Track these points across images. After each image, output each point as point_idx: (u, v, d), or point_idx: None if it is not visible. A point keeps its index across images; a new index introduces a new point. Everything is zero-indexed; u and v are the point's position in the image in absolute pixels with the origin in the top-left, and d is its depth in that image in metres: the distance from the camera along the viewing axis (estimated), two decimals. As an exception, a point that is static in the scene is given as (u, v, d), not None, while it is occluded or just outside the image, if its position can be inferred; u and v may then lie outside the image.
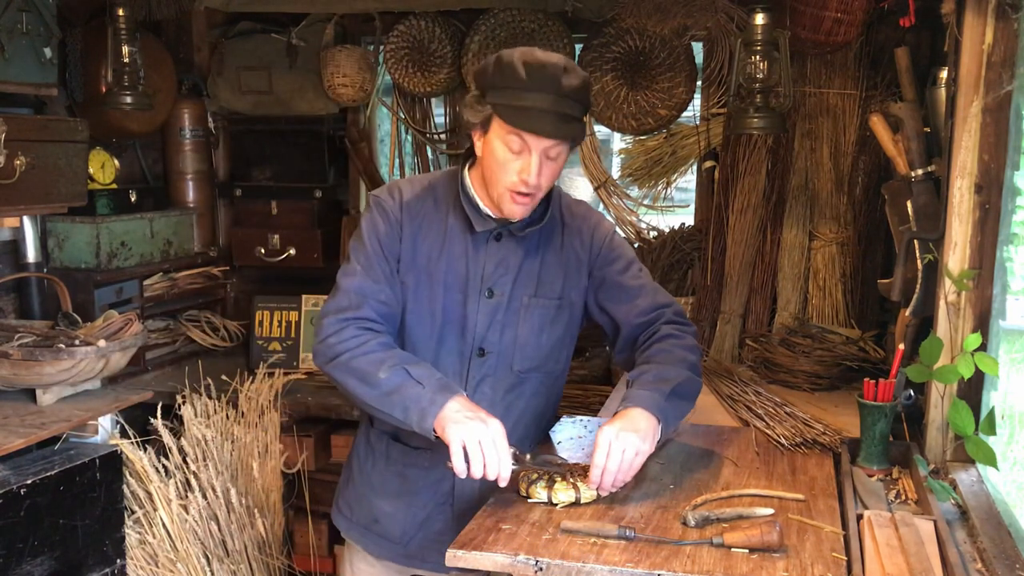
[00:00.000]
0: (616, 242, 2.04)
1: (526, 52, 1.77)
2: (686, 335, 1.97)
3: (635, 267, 2.04)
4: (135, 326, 2.83)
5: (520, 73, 1.74)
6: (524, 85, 1.74)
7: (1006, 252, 2.08)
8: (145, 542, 2.82)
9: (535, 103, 1.73)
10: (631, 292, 2.00)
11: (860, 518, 1.72)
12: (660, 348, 1.92)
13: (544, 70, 1.74)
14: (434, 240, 1.92)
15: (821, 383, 2.74)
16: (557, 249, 1.98)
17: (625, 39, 3.31)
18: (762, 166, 3.16)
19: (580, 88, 1.77)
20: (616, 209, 3.52)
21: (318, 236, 3.65)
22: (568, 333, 2.03)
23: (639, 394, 1.80)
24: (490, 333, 1.93)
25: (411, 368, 1.76)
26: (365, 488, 2.06)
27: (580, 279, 2.00)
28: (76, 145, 2.93)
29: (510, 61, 1.76)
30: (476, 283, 1.91)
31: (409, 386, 1.73)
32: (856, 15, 2.71)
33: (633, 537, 1.57)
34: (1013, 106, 1.98)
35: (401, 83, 3.54)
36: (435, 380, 1.75)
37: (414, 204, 1.93)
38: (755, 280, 3.21)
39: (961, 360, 2.00)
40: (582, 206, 2.06)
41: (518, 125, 1.75)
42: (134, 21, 3.03)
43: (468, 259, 1.91)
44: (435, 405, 1.70)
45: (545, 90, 1.73)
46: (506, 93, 1.76)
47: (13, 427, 2.48)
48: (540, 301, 1.95)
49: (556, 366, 2.04)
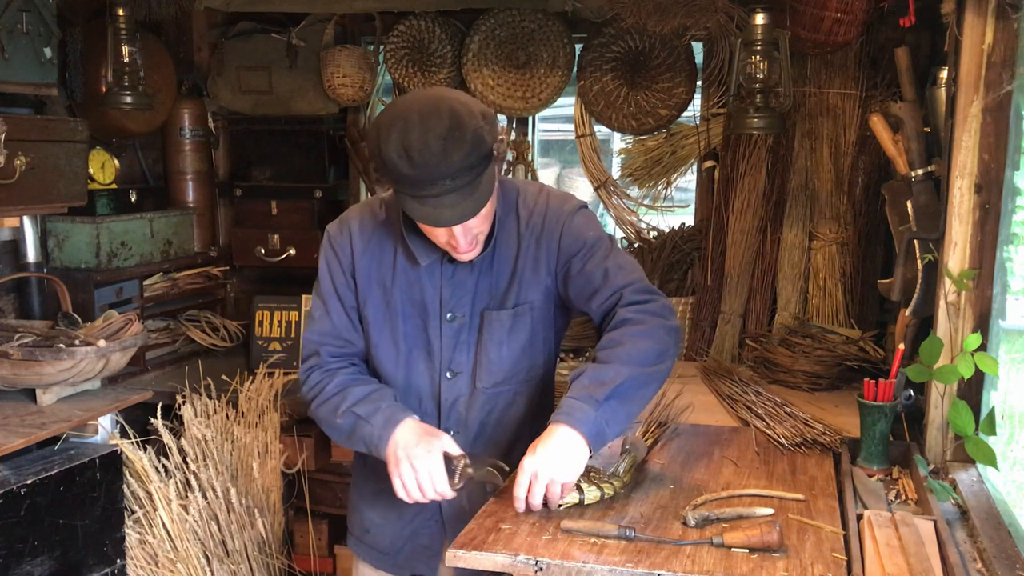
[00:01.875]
0: (576, 228, 1.86)
1: (402, 136, 1.61)
2: (644, 317, 1.76)
3: (596, 251, 1.85)
4: (135, 326, 2.83)
5: (402, 168, 1.62)
6: (411, 179, 1.63)
7: (1006, 252, 2.08)
8: (145, 542, 2.82)
9: (431, 193, 1.64)
10: (592, 281, 1.83)
11: (860, 518, 1.72)
12: (610, 339, 1.76)
13: (425, 155, 1.60)
14: (386, 269, 1.89)
15: (821, 383, 2.74)
16: (512, 256, 1.88)
17: (625, 39, 3.31)
18: (762, 166, 3.17)
19: (472, 148, 1.62)
20: (616, 209, 3.52)
21: (318, 236, 3.64)
22: (537, 337, 1.92)
23: (570, 404, 1.69)
24: (456, 354, 1.90)
25: (359, 408, 1.82)
26: (358, 499, 2.10)
27: (540, 278, 1.88)
28: (76, 145, 2.93)
29: (388, 156, 1.62)
30: (435, 308, 1.88)
31: (360, 427, 1.81)
32: (856, 15, 2.71)
33: (633, 537, 1.57)
34: (1013, 106, 1.98)
35: (401, 83, 3.54)
36: (380, 416, 1.80)
37: (364, 237, 1.90)
38: (755, 280, 3.21)
39: (961, 360, 2.00)
40: (540, 196, 1.91)
41: (422, 221, 1.70)
42: (134, 21, 3.03)
43: (423, 286, 1.88)
44: (382, 441, 1.78)
45: (435, 178, 1.62)
46: (400, 187, 1.67)
47: (13, 427, 2.48)
48: (494, 314, 1.89)
49: (529, 374, 1.94)
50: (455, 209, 1.66)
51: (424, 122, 1.62)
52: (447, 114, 1.62)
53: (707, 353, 3.17)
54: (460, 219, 1.68)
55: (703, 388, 2.70)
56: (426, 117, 1.62)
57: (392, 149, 1.62)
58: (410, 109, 1.65)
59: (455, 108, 1.64)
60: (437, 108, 1.63)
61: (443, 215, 1.66)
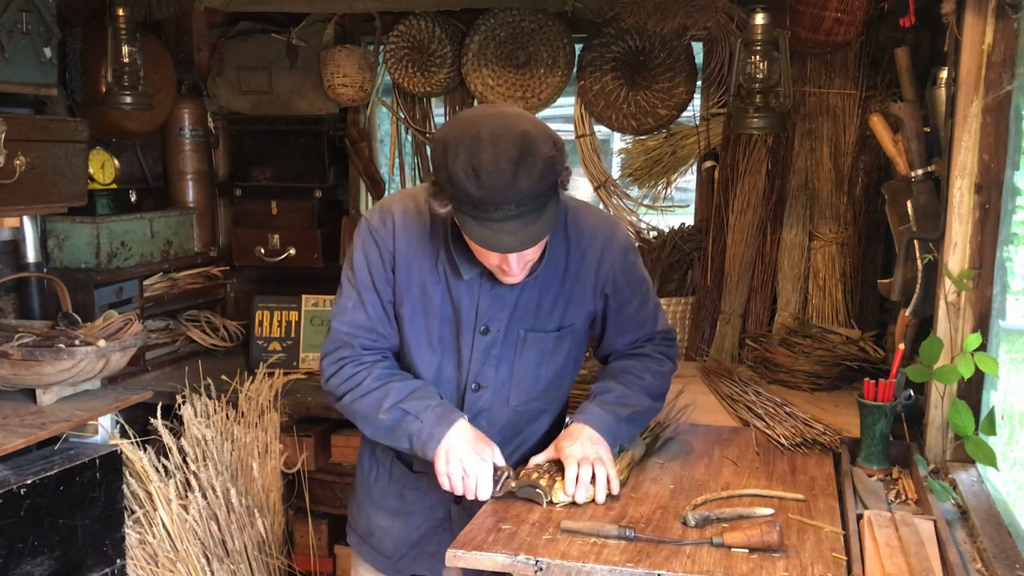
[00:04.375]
0: (630, 266, 1.92)
1: (472, 155, 1.55)
2: (665, 360, 1.98)
3: (645, 293, 1.95)
4: (135, 326, 2.83)
5: (469, 188, 1.56)
6: (476, 200, 1.57)
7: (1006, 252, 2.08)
8: (145, 542, 2.82)
9: (493, 217, 1.58)
10: (636, 321, 1.96)
11: (860, 518, 1.72)
12: (633, 366, 1.93)
13: (495, 178, 1.54)
14: (428, 270, 1.83)
15: (821, 383, 2.74)
16: (559, 277, 1.86)
17: (625, 39, 3.31)
18: (762, 166, 3.16)
19: (541, 176, 1.57)
20: (616, 209, 3.52)
21: (318, 236, 3.65)
22: (571, 358, 1.96)
23: (596, 412, 1.84)
24: (485, 368, 1.87)
25: (406, 404, 1.78)
26: (365, 500, 2.07)
27: (585, 304, 1.90)
28: (76, 145, 2.93)
29: (455, 173, 1.57)
30: (470, 319, 1.84)
31: (408, 422, 1.78)
32: (856, 15, 2.71)
33: (633, 537, 1.57)
34: (1013, 106, 1.98)
35: (401, 83, 3.54)
36: (432, 413, 1.77)
37: (408, 231, 1.83)
38: (755, 280, 3.21)
39: (961, 360, 1.99)
40: (592, 218, 1.91)
41: (483, 245, 1.64)
42: (134, 21, 3.02)
43: (461, 295, 1.83)
44: (433, 439, 1.76)
45: (501, 202, 1.57)
46: (461, 206, 1.61)
47: (13, 427, 2.48)
48: (537, 335, 1.87)
49: (558, 394, 1.99)
50: (516, 236, 1.60)
51: (496, 143, 1.55)
52: (520, 137, 1.56)
53: (707, 353, 3.17)
54: (520, 247, 1.62)
55: (703, 388, 2.70)
56: (498, 138, 1.56)
57: (460, 167, 1.56)
58: (481, 126, 1.58)
59: (529, 131, 1.58)
60: (510, 129, 1.57)
61: (503, 241, 1.61)
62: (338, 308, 1.87)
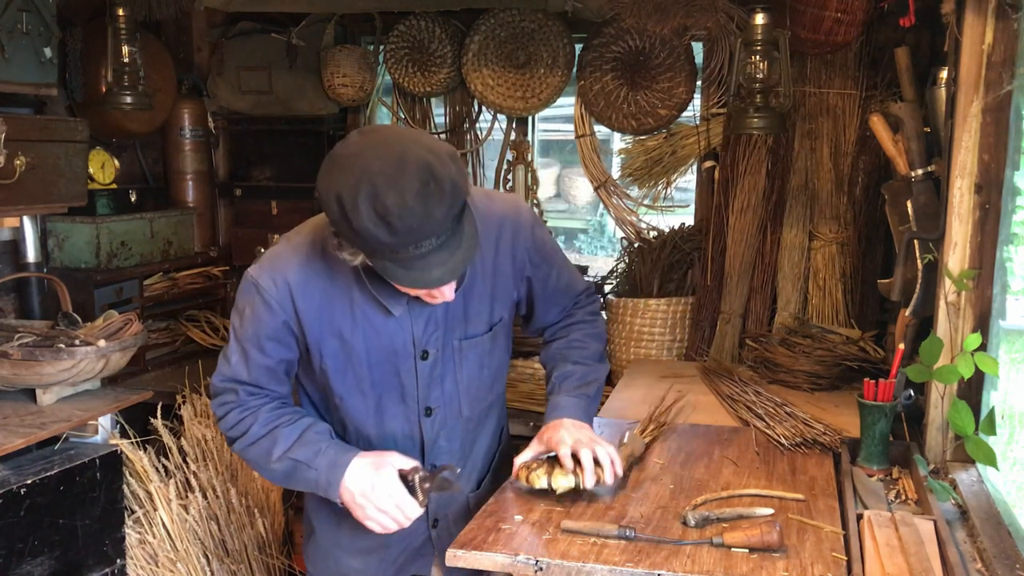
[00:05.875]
0: (539, 241, 1.85)
1: (373, 202, 1.42)
2: (597, 319, 2.00)
3: (559, 260, 1.90)
4: (135, 326, 2.83)
5: (381, 237, 1.44)
6: (392, 245, 1.46)
7: (1006, 252, 2.08)
8: (145, 542, 2.82)
9: (414, 255, 1.47)
10: (559, 292, 1.93)
11: (860, 518, 1.72)
12: (576, 339, 1.94)
13: (406, 219, 1.42)
14: (342, 319, 1.70)
15: (821, 383, 2.74)
16: (480, 277, 1.78)
17: (625, 39, 3.31)
18: (762, 166, 3.16)
19: (451, 201, 1.46)
20: (616, 209, 3.52)
21: (318, 236, 3.65)
22: (505, 348, 1.92)
23: (567, 402, 1.85)
24: (432, 391, 1.79)
25: (296, 453, 1.69)
26: (332, 547, 1.92)
27: (509, 294, 1.85)
28: (76, 145, 2.93)
29: (362, 226, 1.43)
30: (407, 350, 1.74)
31: (301, 471, 1.70)
32: (856, 15, 2.71)
33: (633, 537, 1.57)
34: (1013, 106, 1.98)
35: (401, 83, 3.54)
36: (323, 459, 1.68)
37: (306, 289, 1.68)
38: (755, 280, 3.21)
39: (961, 360, 1.99)
40: (494, 205, 1.80)
41: (413, 286, 1.55)
42: (134, 21, 3.03)
43: (393, 330, 1.72)
44: (332, 487, 1.68)
45: (420, 239, 1.45)
46: (377, 254, 1.50)
47: (13, 427, 2.48)
48: (472, 341, 1.80)
49: (501, 383, 1.94)
50: (445, 267, 1.50)
51: (395, 180, 1.43)
52: (416, 166, 1.44)
53: (707, 353, 3.17)
54: (452, 276, 1.53)
55: (703, 388, 2.70)
56: (395, 174, 1.43)
57: (365, 218, 1.43)
58: (369, 166, 1.45)
59: (423, 158, 1.45)
60: (403, 161, 1.44)
61: (432, 276, 1.51)
62: (223, 357, 1.76)
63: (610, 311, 3.34)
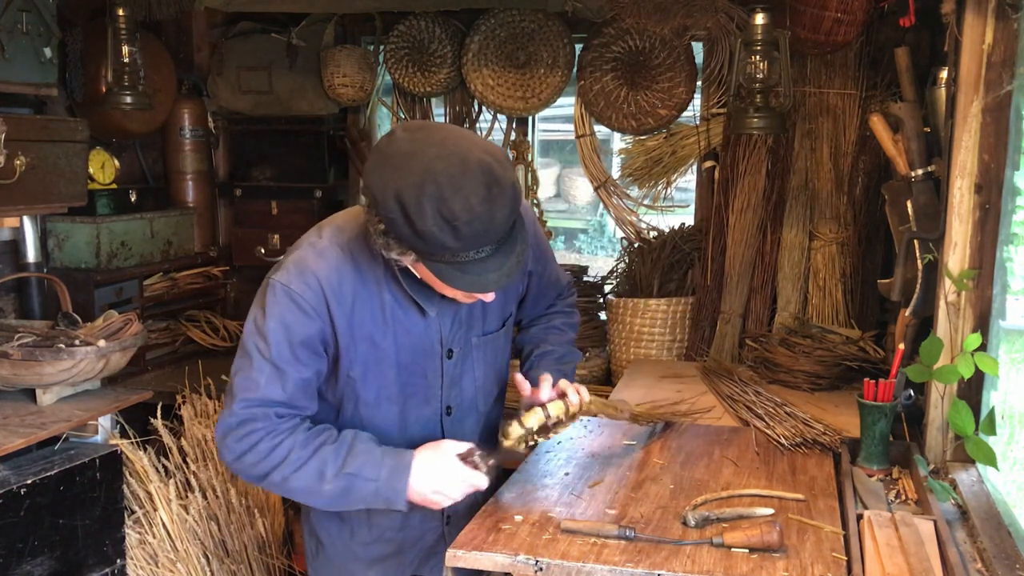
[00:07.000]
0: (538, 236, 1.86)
1: (439, 205, 1.40)
2: (575, 312, 2.08)
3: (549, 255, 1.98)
4: (135, 326, 2.83)
5: (447, 242, 1.42)
6: (455, 250, 1.44)
7: (1006, 252, 2.08)
8: (145, 542, 2.82)
9: (473, 259, 1.46)
10: (549, 287, 1.99)
11: (860, 518, 1.72)
12: (556, 326, 2.01)
13: (474, 224, 1.41)
14: (373, 322, 1.67)
15: (821, 383, 2.74)
16: None
17: (625, 39, 3.31)
18: (762, 166, 3.16)
19: (513, 205, 1.46)
20: (616, 209, 3.52)
21: (318, 236, 3.65)
22: (511, 341, 1.96)
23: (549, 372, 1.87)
24: (453, 390, 1.79)
25: (351, 467, 1.62)
26: (347, 560, 1.88)
27: (516, 288, 1.88)
28: (76, 145, 2.93)
29: (426, 230, 1.41)
30: (435, 349, 1.73)
31: (359, 486, 1.63)
32: (856, 15, 2.71)
33: (633, 537, 1.57)
34: (1013, 106, 1.98)
35: (401, 83, 3.54)
36: (384, 469, 1.63)
37: (339, 290, 1.63)
38: (755, 280, 3.21)
39: (961, 360, 1.99)
40: None
41: (470, 290, 1.52)
42: (134, 21, 3.03)
43: (422, 331, 1.71)
44: (399, 493, 1.63)
45: (482, 244, 1.45)
46: (434, 256, 1.47)
47: (13, 427, 2.48)
48: (488, 337, 1.81)
49: (505, 379, 1.94)
50: (501, 271, 1.49)
51: (460, 184, 1.41)
52: (480, 169, 1.42)
53: (707, 353, 3.17)
54: (508, 281, 1.50)
55: (703, 388, 2.70)
56: (460, 177, 1.41)
57: (430, 222, 1.40)
58: (433, 168, 1.41)
59: (484, 160, 1.43)
60: (466, 163, 1.42)
61: (489, 280, 1.49)
62: (246, 382, 1.62)
63: (610, 311, 3.34)
